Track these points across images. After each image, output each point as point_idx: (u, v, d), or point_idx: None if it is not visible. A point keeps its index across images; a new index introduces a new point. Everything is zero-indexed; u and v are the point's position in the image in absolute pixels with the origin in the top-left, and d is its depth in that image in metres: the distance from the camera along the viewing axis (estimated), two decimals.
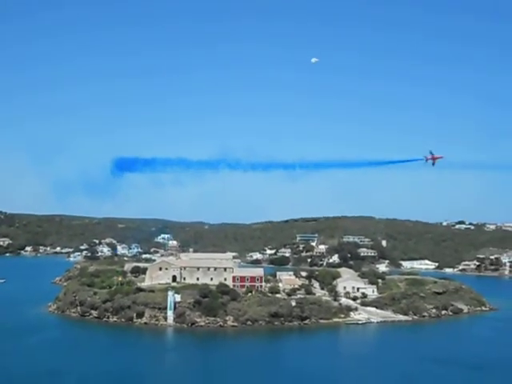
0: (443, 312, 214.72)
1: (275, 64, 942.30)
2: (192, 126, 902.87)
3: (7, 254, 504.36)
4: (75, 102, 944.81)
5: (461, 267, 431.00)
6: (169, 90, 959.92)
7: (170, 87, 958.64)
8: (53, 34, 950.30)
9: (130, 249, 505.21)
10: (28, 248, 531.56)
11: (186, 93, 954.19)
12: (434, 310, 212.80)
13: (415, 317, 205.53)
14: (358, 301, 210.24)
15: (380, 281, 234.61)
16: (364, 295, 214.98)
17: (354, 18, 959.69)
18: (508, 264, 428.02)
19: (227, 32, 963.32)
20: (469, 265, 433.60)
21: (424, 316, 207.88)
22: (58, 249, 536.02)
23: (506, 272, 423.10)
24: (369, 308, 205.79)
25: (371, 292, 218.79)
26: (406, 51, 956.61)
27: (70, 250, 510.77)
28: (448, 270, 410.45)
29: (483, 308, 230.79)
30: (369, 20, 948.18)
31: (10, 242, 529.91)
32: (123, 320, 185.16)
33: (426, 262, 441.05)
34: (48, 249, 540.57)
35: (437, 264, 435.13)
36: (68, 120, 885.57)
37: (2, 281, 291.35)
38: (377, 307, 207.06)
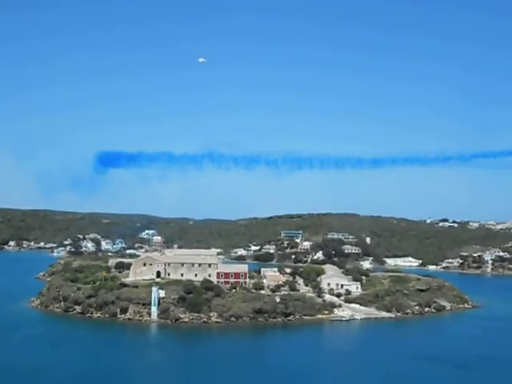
0: (426, 309, 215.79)
1: (266, 61, 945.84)
2: (178, 122, 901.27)
3: None
4: (60, 100, 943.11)
5: (444, 265, 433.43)
6: (155, 86, 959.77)
7: (156, 84, 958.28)
8: (44, 32, 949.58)
9: (115, 244, 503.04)
10: (11, 243, 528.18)
11: (173, 90, 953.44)
12: (417, 307, 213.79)
13: (398, 314, 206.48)
14: (342, 297, 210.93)
15: (364, 278, 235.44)
16: (348, 292, 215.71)
17: (351, 16, 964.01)
18: (490, 262, 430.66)
19: (219, 29, 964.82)
20: (452, 262, 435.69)
21: (407, 313, 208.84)
22: (42, 244, 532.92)
23: (489, 270, 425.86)
24: (352, 305, 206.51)
25: (355, 289, 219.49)
26: (400, 49, 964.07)
27: (54, 245, 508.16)
28: (431, 268, 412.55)
29: (466, 305, 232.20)
30: (367, 18, 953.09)
31: None
32: (107, 316, 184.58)
33: (410, 259, 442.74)
34: (32, 244, 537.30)
35: (420, 261, 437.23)
36: (52, 117, 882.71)
37: None
38: (360, 304, 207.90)
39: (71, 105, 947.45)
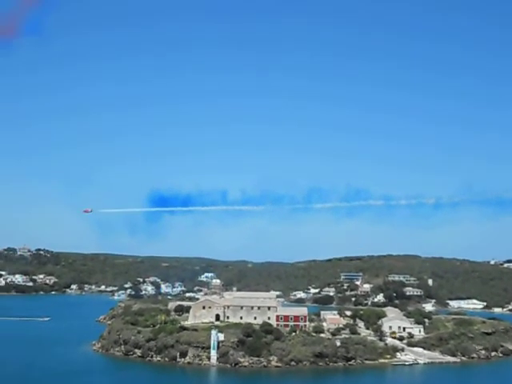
0: (493, 353, 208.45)
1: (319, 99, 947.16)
2: (232, 157, 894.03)
3: (53, 292, 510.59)
4: (111, 129, 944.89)
5: (510, 307, 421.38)
6: (205, 118, 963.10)
7: (206, 117, 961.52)
8: (87, 59, 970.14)
9: (174, 287, 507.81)
10: (73, 286, 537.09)
11: (223, 123, 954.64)
12: (483, 351, 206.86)
13: (464, 358, 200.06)
14: (405, 341, 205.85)
15: (426, 320, 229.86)
16: (410, 335, 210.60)
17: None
18: None
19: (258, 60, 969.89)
20: None
21: (473, 357, 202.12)
22: (103, 287, 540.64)
23: None
24: (415, 348, 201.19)
25: (418, 332, 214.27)
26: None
27: (115, 288, 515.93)
28: (497, 310, 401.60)
29: None
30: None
31: (56, 280, 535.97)
32: (167, 359, 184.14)
33: (474, 301, 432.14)
34: (93, 287, 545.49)
35: (485, 303, 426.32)
36: (103, 147, 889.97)
37: (47, 319, 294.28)
38: (424, 348, 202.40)
39: (122, 135, 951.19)
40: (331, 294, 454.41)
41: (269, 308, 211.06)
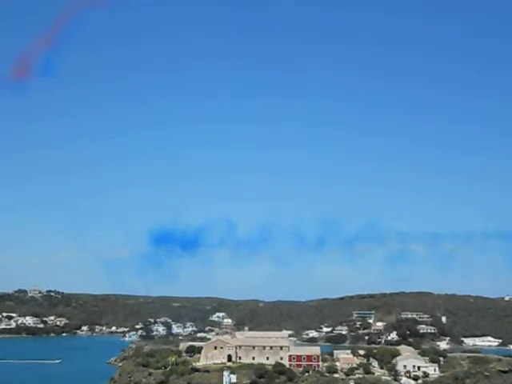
0: None
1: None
2: (240, 187, 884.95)
3: (64, 334, 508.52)
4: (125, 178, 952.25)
5: None
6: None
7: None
8: (111, 105, 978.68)
9: (185, 327, 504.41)
10: (84, 328, 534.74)
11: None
12: None
13: None
14: (420, 380, 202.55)
15: (441, 359, 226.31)
16: (425, 374, 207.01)
17: None
18: None
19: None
20: None
21: None
22: (114, 328, 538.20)
23: None
24: None
25: (433, 371, 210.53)
26: None
27: (126, 329, 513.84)
28: None
29: None
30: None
31: (67, 321, 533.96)
32: None
33: (489, 338, 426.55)
34: (104, 328, 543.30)
35: (500, 341, 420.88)
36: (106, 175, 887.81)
37: (58, 361, 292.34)
38: None
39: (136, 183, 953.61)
40: (344, 332, 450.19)
41: (281, 348, 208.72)
